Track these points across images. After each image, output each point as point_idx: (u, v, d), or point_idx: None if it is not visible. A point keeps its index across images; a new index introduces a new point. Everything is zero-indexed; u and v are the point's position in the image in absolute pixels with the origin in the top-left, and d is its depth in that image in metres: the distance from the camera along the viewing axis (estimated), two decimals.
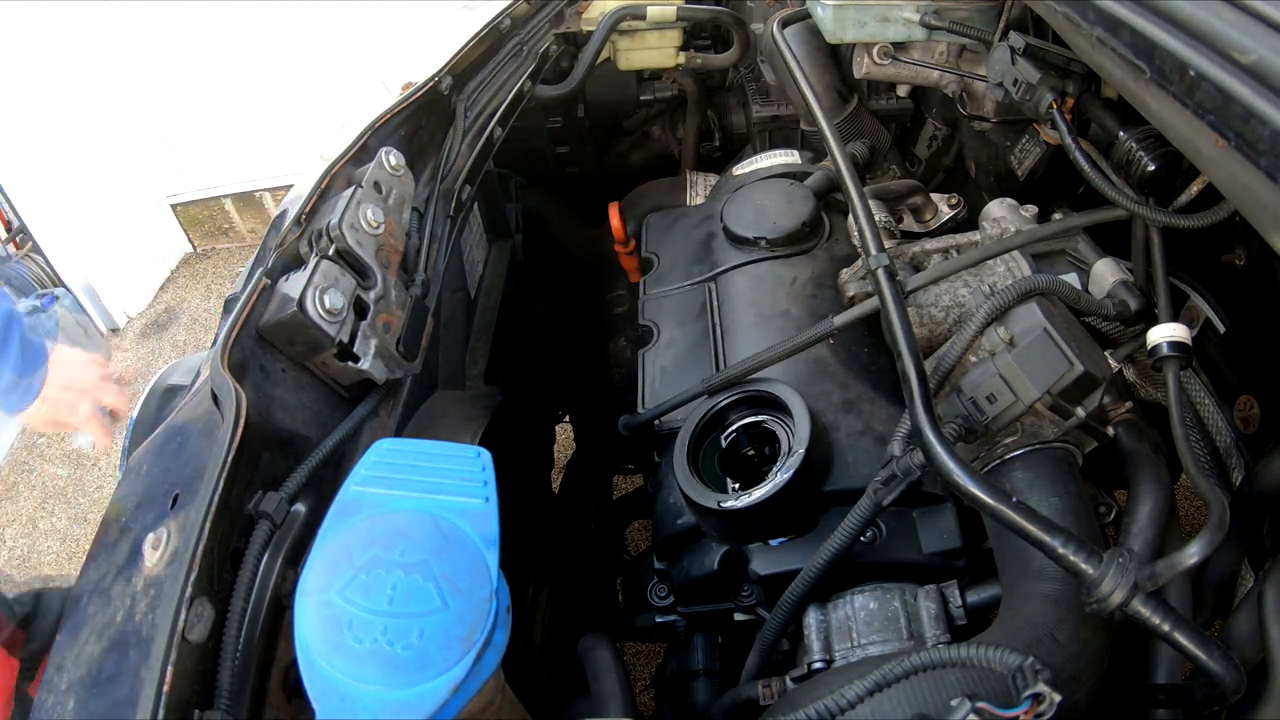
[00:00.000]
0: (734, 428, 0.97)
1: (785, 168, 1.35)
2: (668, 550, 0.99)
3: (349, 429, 0.78)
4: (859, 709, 0.59)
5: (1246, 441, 0.86)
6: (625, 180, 1.75)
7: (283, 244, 0.80)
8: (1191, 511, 1.92)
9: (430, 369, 0.96)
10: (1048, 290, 0.83)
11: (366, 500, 0.59)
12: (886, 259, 0.87)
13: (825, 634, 0.80)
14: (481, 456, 0.63)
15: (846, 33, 1.19)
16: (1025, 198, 1.12)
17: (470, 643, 0.52)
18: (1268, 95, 0.55)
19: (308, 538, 0.62)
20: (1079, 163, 0.88)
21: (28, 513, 2.52)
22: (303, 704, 0.59)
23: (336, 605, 0.53)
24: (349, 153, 0.89)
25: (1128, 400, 0.86)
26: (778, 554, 0.89)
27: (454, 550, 0.56)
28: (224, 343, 0.71)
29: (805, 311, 1.08)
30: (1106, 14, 0.73)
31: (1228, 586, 0.81)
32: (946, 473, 0.68)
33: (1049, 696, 0.51)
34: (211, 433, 0.66)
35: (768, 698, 0.81)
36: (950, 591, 0.80)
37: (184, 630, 0.54)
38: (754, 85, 1.70)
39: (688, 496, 0.90)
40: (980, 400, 0.79)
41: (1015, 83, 0.97)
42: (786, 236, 1.16)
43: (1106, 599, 0.60)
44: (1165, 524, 0.77)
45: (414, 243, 0.93)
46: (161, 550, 0.59)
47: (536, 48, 1.34)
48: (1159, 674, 0.73)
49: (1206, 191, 0.82)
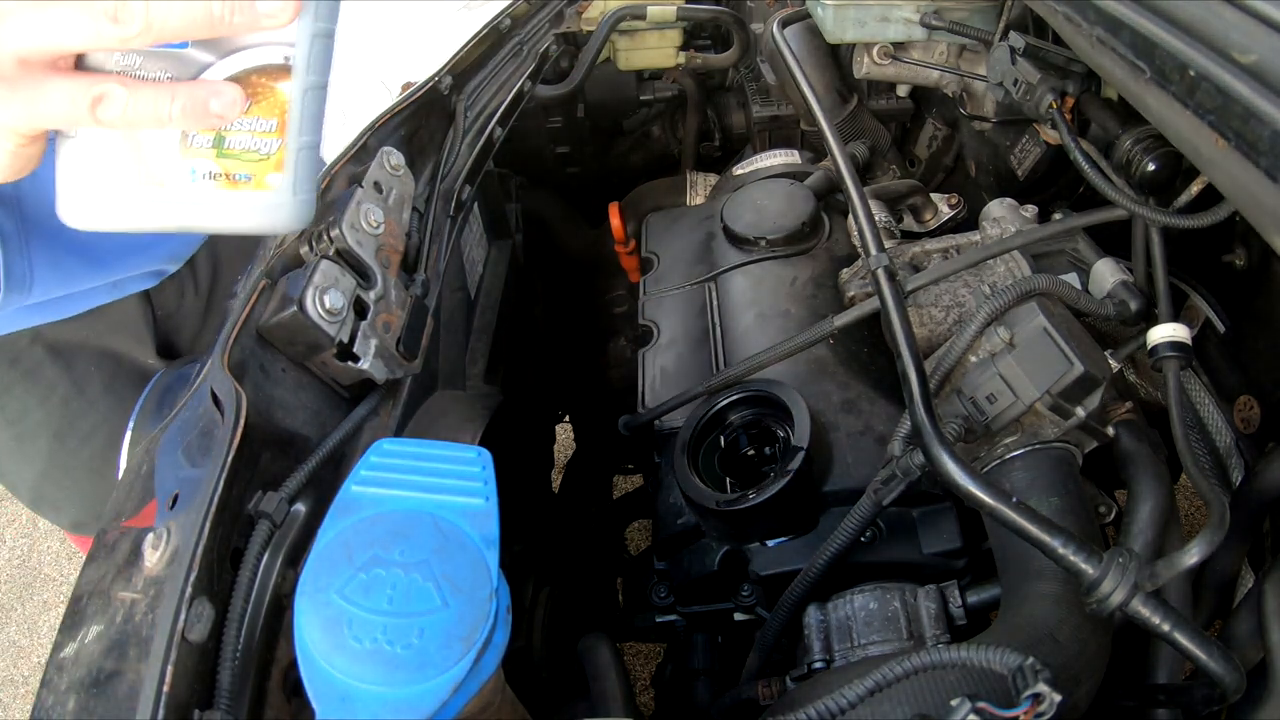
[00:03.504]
0: (734, 427, 0.97)
1: (785, 168, 1.35)
2: (668, 550, 0.99)
3: (349, 429, 0.78)
4: (859, 709, 0.59)
5: (1246, 441, 0.86)
6: (625, 180, 1.75)
7: (282, 244, 0.80)
8: (1191, 511, 1.92)
9: (430, 369, 0.96)
10: (1048, 290, 0.83)
11: (366, 500, 0.59)
12: (886, 259, 0.87)
13: (825, 634, 0.80)
14: (481, 456, 0.63)
15: (846, 33, 1.19)
16: (1025, 198, 1.12)
17: (470, 643, 0.52)
18: (1268, 95, 0.55)
19: (308, 538, 0.62)
20: (1079, 163, 0.88)
21: (28, 513, 2.52)
22: (303, 704, 0.59)
23: (336, 605, 0.53)
24: (349, 153, 0.89)
25: (1128, 400, 0.86)
26: (778, 554, 0.89)
27: (454, 550, 0.56)
28: (224, 343, 0.71)
29: (805, 311, 1.08)
30: (1106, 14, 0.73)
31: (1228, 586, 0.81)
32: (946, 473, 0.68)
33: (1049, 696, 0.51)
34: (211, 433, 0.66)
35: (767, 698, 0.81)
36: (950, 591, 0.80)
37: (184, 630, 0.54)
38: (754, 85, 1.70)
39: (688, 496, 0.90)
40: (980, 400, 0.79)
41: (1015, 83, 0.97)
42: (786, 236, 1.16)
43: (1106, 599, 0.60)
44: (1165, 524, 0.77)
45: (414, 243, 0.93)
46: (161, 550, 0.59)
47: (536, 48, 1.34)
48: (1159, 674, 0.73)
49: (1206, 191, 0.82)
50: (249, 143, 0.53)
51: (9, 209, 0.85)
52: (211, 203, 0.54)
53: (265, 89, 0.51)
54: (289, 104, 0.52)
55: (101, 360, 1.08)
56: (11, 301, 0.89)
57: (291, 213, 0.55)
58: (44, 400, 1.06)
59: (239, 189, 0.53)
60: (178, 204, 0.54)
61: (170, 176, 0.53)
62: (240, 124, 0.52)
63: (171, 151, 0.53)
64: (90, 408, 1.08)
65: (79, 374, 1.06)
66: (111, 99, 0.49)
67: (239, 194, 0.54)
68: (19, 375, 1.04)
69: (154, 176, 0.53)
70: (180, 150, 0.53)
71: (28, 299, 0.91)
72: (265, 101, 0.52)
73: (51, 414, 1.07)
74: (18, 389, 1.04)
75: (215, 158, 0.53)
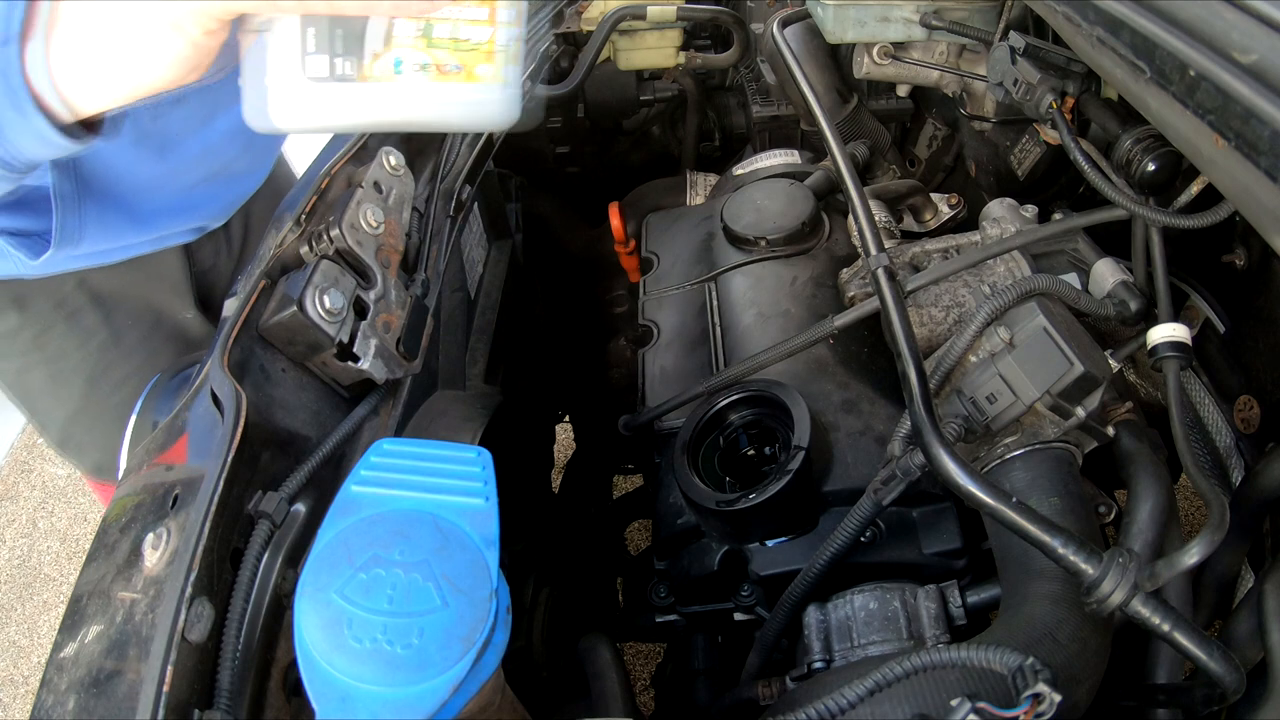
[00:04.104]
0: (734, 427, 0.97)
1: (785, 168, 1.35)
2: (668, 550, 0.99)
3: (349, 429, 0.78)
4: (859, 709, 0.59)
5: (1246, 441, 0.86)
6: (625, 180, 1.74)
7: (282, 244, 0.80)
8: (1191, 511, 1.92)
9: (430, 369, 0.96)
10: (1048, 290, 0.83)
11: (366, 500, 0.59)
12: (886, 259, 0.87)
13: (825, 634, 0.80)
14: (481, 456, 0.63)
15: (846, 33, 1.19)
16: (1025, 198, 1.12)
17: (470, 643, 0.52)
18: (1268, 95, 0.55)
19: (308, 538, 0.62)
20: (1079, 163, 0.88)
21: (28, 513, 2.52)
22: (303, 704, 0.59)
23: (336, 605, 0.53)
24: (349, 152, 0.89)
25: (1128, 400, 0.86)
26: (778, 554, 0.89)
27: (454, 550, 0.56)
28: (224, 343, 0.71)
29: (805, 311, 1.08)
30: (1106, 14, 0.73)
31: (1228, 586, 0.81)
32: (946, 473, 0.68)
33: (1049, 696, 0.51)
34: (211, 432, 0.66)
35: (767, 698, 0.81)
36: (950, 591, 0.80)
37: (184, 630, 0.54)
38: (754, 85, 1.70)
39: (688, 496, 0.90)
40: (980, 400, 0.79)
41: (1015, 83, 0.97)
42: (786, 236, 1.16)
43: (1106, 599, 0.60)
44: (1165, 524, 0.77)
45: (414, 243, 0.93)
46: (161, 550, 0.59)
47: (536, 48, 1.34)
48: (1159, 674, 0.73)
49: (1206, 191, 0.82)
50: (460, 32, 0.50)
51: (66, 173, 0.88)
52: (420, 95, 0.52)
53: None
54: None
55: (141, 313, 1.13)
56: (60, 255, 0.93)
57: (500, 108, 0.53)
58: (82, 344, 1.11)
59: (448, 80, 0.51)
60: (383, 98, 0.52)
61: (376, 69, 0.51)
62: (449, 12, 0.50)
63: (376, 42, 0.50)
64: (125, 357, 1.13)
65: (118, 324, 1.12)
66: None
67: (448, 85, 0.52)
68: (62, 317, 1.08)
69: (357, 70, 0.51)
70: (384, 40, 0.50)
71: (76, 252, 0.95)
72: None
73: (88, 358, 1.12)
74: (59, 329, 1.09)
75: (425, 48, 0.51)
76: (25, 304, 1.06)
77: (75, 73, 0.53)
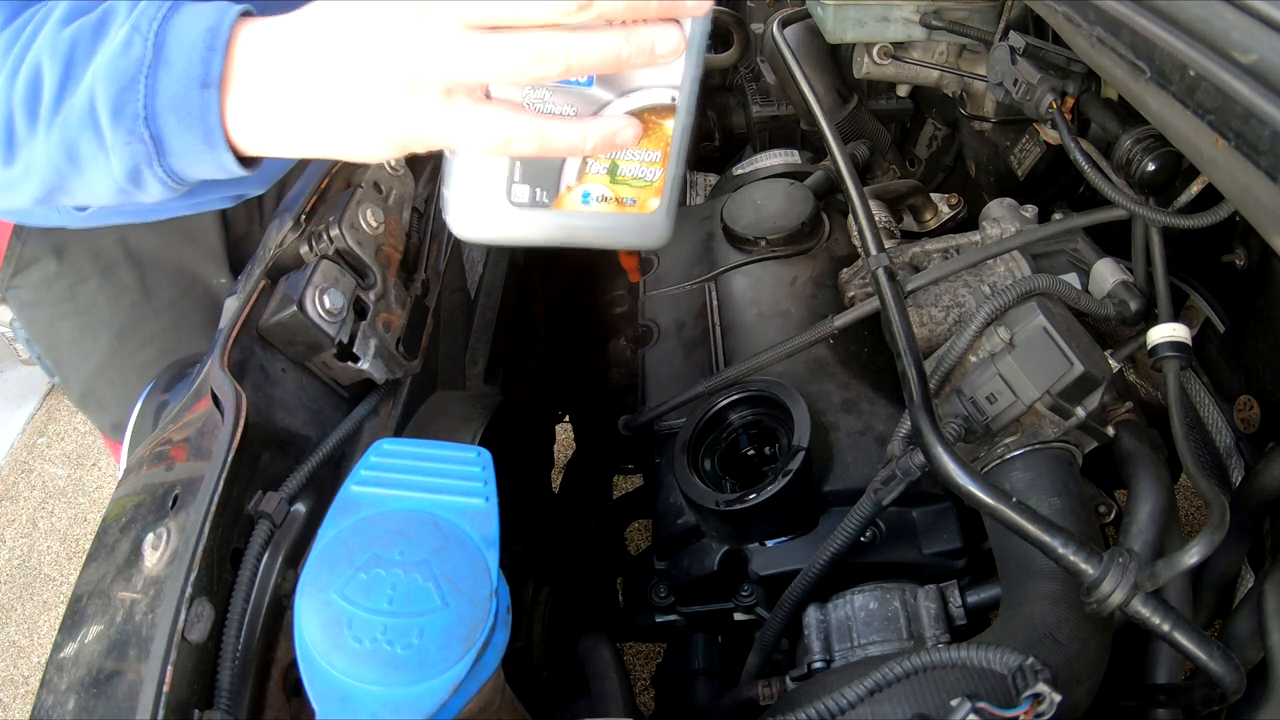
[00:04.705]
0: (734, 428, 0.97)
1: (785, 168, 1.35)
2: (668, 550, 0.99)
3: (349, 429, 0.78)
4: (859, 709, 0.59)
5: (1246, 441, 0.86)
6: None
7: (282, 244, 0.80)
8: (1191, 511, 1.92)
9: (430, 369, 0.96)
10: (1048, 290, 0.83)
11: (366, 500, 0.59)
12: (886, 259, 0.87)
13: (825, 634, 0.80)
14: (481, 456, 0.63)
15: (846, 33, 1.19)
16: (1025, 198, 1.12)
17: (470, 643, 0.52)
18: (1268, 95, 0.55)
19: (308, 538, 0.62)
20: (1079, 163, 0.88)
21: (28, 513, 2.52)
22: (303, 704, 0.59)
23: (336, 605, 0.53)
24: None
25: (1128, 400, 0.86)
26: (777, 554, 0.89)
27: (454, 550, 0.56)
28: (224, 343, 0.71)
29: (805, 311, 1.08)
30: (1106, 14, 0.73)
31: (1228, 586, 0.81)
32: (946, 473, 0.68)
33: (1049, 696, 0.51)
34: (211, 432, 0.66)
35: (768, 698, 0.81)
36: (950, 591, 0.80)
37: (184, 630, 0.54)
38: (754, 85, 1.70)
39: (688, 496, 0.90)
40: (980, 400, 0.79)
41: (1015, 83, 0.97)
42: (786, 236, 1.16)
43: (1106, 599, 0.60)
44: (1165, 524, 0.77)
45: (414, 243, 0.93)
46: (161, 550, 0.59)
47: None
48: (1159, 674, 0.73)
49: (1206, 191, 0.82)
50: (638, 171, 0.59)
51: None
52: (600, 222, 0.60)
53: (653, 124, 0.57)
54: (671, 137, 0.58)
55: (175, 275, 1.15)
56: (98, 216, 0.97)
57: (661, 233, 0.62)
58: (114, 299, 1.13)
59: (625, 211, 0.60)
60: (569, 222, 0.60)
61: (569, 199, 0.59)
62: (630, 154, 0.58)
63: (570, 176, 0.58)
64: (154, 315, 1.15)
65: (151, 282, 1.14)
66: (523, 139, 0.54)
67: (625, 215, 0.60)
68: (98, 270, 1.11)
69: (553, 199, 0.59)
70: (578, 176, 0.58)
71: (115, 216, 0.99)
72: (653, 135, 0.57)
73: (118, 313, 1.13)
74: (93, 281, 1.11)
75: (609, 183, 0.59)
76: (64, 253, 1.08)
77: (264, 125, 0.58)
